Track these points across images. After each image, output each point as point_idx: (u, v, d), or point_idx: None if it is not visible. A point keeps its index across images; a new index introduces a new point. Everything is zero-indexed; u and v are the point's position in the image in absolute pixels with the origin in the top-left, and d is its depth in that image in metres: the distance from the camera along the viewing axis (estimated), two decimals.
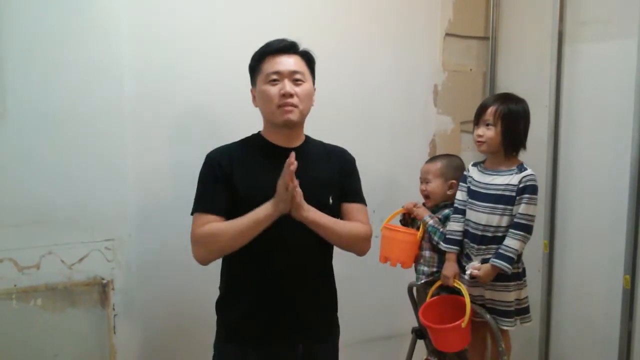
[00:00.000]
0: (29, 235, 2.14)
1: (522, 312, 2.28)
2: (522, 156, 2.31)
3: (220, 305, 1.93)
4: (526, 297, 2.29)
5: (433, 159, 2.57)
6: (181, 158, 2.33)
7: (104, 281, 2.27)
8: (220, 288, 1.94)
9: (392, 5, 2.87)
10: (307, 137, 1.99)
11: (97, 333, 2.27)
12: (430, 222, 2.40)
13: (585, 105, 2.64)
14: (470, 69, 3.16)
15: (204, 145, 1.92)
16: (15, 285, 2.12)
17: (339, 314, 2.02)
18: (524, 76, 2.99)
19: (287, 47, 1.86)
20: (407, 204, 2.50)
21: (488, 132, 2.24)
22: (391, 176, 2.93)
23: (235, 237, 1.75)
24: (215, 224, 1.78)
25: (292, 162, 1.66)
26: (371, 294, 2.90)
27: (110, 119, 2.24)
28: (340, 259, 1.97)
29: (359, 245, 1.95)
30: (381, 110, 2.89)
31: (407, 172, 2.70)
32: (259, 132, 1.95)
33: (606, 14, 2.54)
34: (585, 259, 2.66)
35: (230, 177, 1.81)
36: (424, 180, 2.52)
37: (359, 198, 2.02)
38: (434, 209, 2.49)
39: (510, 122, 2.22)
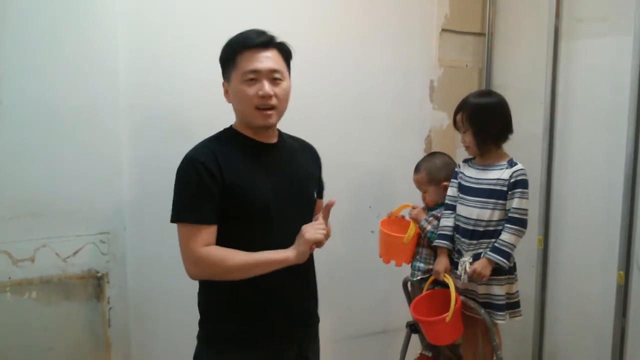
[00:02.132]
0: (23, 228, 2.13)
1: (512, 306, 2.29)
2: (518, 150, 2.32)
3: (208, 320, 1.82)
4: (517, 292, 2.31)
5: (418, 167, 2.55)
6: (176, 151, 2.31)
7: (99, 274, 2.26)
8: (204, 301, 1.84)
9: (388, 0, 2.87)
10: (279, 131, 1.90)
11: (92, 326, 2.26)
12: (429, 227, 2.42)
13: (581, 101, 2.65)
14: (467, 65, 3.16)
15: (200, 138, 1.90)
16: (9, 278, 2.11)
17: (334, 307, 2.02)
18: (520, 72, 3.00)
19: (265, 42, 1.72)
20: (412, 211, 2.50)
21: (466, 138, 2.30)
22: (387, 172, 2.93)
23: (247, 270, 1.66)
24: (220, 250, 1.67)
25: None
26: (366, 289, 2.91)
27: (105, 111, 2.23)
28: (335, 255, 1.97)
29: None
30: (377, 106, 2.89)
31: (402, 168, 2.70)
32: (231, 126, 1.84)
33: (602, 10, 2.55)
34: (580, 255, 2.67)
35: (221, 178, 1.67)
36: (420, 190, 2.54)
37: (322, 193, 2.03)
38: (434, 207, 2.50)
39: (478, 121, 2.26)
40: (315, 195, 1.89)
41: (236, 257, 1.66)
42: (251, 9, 2.48)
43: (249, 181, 1.70)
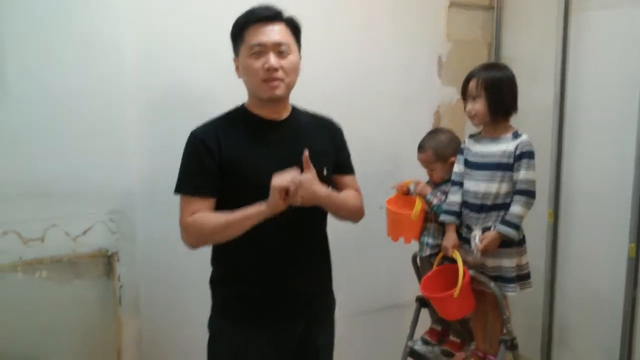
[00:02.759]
0: (33, 208, 2.13)
1: (522, 277, 2.28)
2: (528, 124, 2.31)
3: (217, 282, 1.89)
4: (527, 263, 2.30)
5: (422, 146, 2.52)
6: (185, 129, 2.30)
7: (109, 253, 2.27)
8: (214, 265, 1.91)
9: None
10: (293, 107, 1.92)
11: (102, 304, 2.28)
12: (435, 201, 2.41)
13: (592, 74, 2.62)
14: (475, 39, 3.12)
15: (209, 116, 1.89)
16: (20, 258, 2.12)
17: (344, 283, 2.02)
18: (530, 46, 2.97)
19: (271, 16, 1.75)
20: (417, 186, 2.49)
21: (476, 105, 2.25)
22: (396, 147, 2.92)
23: (222, 231, 1.71)
24: (202, 215, 1.73)
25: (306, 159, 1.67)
26: (376, 263, 2.92)
27: (113, 91, 2.23)
28: (344, 230, 1.96)
29: (357, 215, 1.96)
30: (385, 82, 2.87)
31: (412, 144, 2.68)
32: (243, 104, 1.88)
33: None
34: (590, 228, 2.65)
35: (217, 154, 1.74)
36: (427, 168, 2.52)
37: (351, 169, 2.02)
38: (441, 183, 2.49)
39: (494, 90, 2.23)
40: (326, 171, 1.85)
41: (214, 219, 1.72)
42: None
43: (246, 158, 1.74)
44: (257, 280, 1.80)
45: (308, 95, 2.05)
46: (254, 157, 1.75)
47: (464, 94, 2.30)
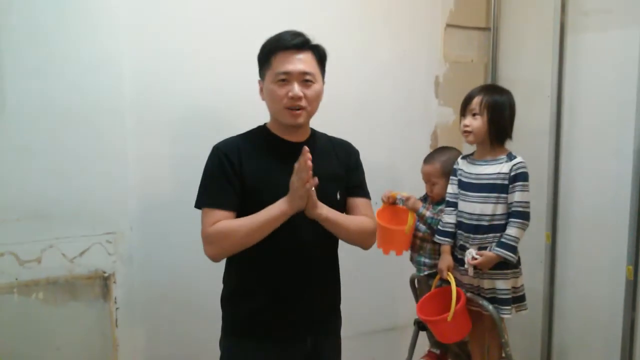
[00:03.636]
0: (29, 229, 2.14)
1: (518, 300, 2.29)
2: (524, 145, 2.31)
3: (228, 301, 1.89)
4: (522, 286, 2.30)
5: (430, 158, 2.53)
6: (182, 151, 2.33)
7: (106, 274, 2.27)
8: (226, 283, 1.90)
9: None
10: (313, 130, 1.94)
11: (99, 326, 2.27)
12: (428, 213, 2.42)
13: (588, 95, 2.63)
14: (472, 60, 3.14)
15: (205, 138, 1.91)
16: (16, 279, 2.12)
17: (342, 305, 2.01)
18: (526, 67, 2.98)
19: (299, 44, 1.77)
20: (407, 201, 2.49)
21: (475, 122, 2.26)
22: (392, 168, 2.92)
23: (248, 235, 1.71)
24: (226, 222, 1.73)
25: (307, 157, 1.63)
26: (374, 285, 2.90)
27: (110, 112, 2.24)
28: (343, 251, 1.96)
29: (366, 240, 1.95)
30: (382, 102, 2.88)
31: (408, 164, 2.70)
32: (265, 124, 1.90)
33: (608, 3, 2.52)
34: (588, 250, 2.65)
35: (239, 170, 1.76)
36: (428, 182, 2.51)
37: (365, 192, 2.00)
38: (440, 202, 2.49)
39: (496, 112, 2.25)
40: (339, 195, 1.88)
41: (236, 222, 1.73)
42: (257, 6, 2.47)
43: (263, 177, 1.77)
44: (268, 300, 1.80)
45: None
46: (272, 175, 1.77)
47: (464, 109, 2.31)
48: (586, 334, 2.68)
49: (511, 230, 2.20)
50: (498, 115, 2.24)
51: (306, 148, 1.64)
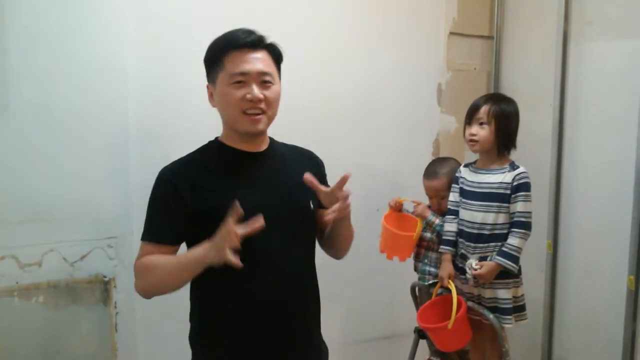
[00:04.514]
0: (30, 233, 2.13)
1: (518, 309, 2.29)
2: (527, 154, 2.31)
3: (195, 339, 1.68)
4: (522, 295, 2.30)
5: (434, 174, 2.52)
6: (184, 154, 2.32)
7: (106, 279, 2.26)
8: (192, 320, 1.70)
9: (396, 3, 2.86)
10: (271, 139, 1.76)
11: (99, 331, 2.26)
12: (437, 221, 2.42)
13: (590, 104, 2.63)
14: (475, 68, 3.15)
15: (207, 140, 1.89)
16: (17, 283, 2.11)
17: (342, 312, 1.98)
18: (529, 75, 2.98)
19: (255, 42, 1.59)
20: (416, 207, 2.49)
21: (481, 131, 2.26)
22: (394, 175, 2.92)
23: (170, 274, 1.52)
24: (153, 257, 1.56)
25: (237, 212, 1.39)
26: (374, 293, 2.89)
27: (112, 116, 2.24)
28: (341, 259, 1.95)
29: (348, 249, 1.84)
30: (385, 109, 2.88)
31: (410, 172, 2.69)
32: (217, 138, 1.72)
33: (612, 13, 2.53)
34: (589, 260, 2.64)
35: (190, 196, 1.55)
36: (436, 197, 2.51)
37: None
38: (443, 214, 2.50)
39: (504, 121, 2.26)
40: (312, 205, 1.69)
41: (164, 264, 1.54)
42: (260, 12, 2.47)
43: (223, 196, 1.51)
44: (243, 338, 1.60)
45: (308, 123, 2.06)
46: (234, 192, 1.51)
47: (470, 118, 2.31)
48: (587, 344, 2.67)
49: (513, 240, 2.20)
50: (505, 125, 2.25)
51: (236, 202, 1.40)
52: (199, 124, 2.36)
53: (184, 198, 1.55)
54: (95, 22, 2.18)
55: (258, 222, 1.40)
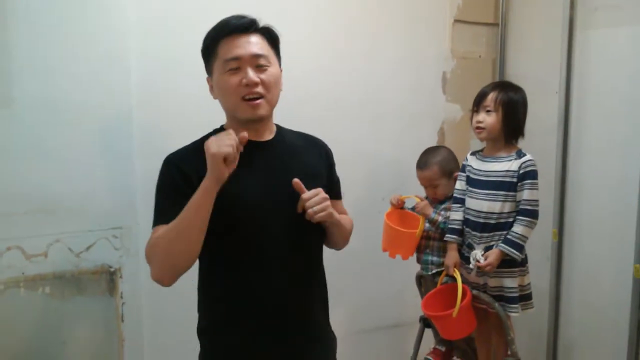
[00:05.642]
0: (36, 224, 2.14)
1: (524, 298, 2.28)
2: (532, 142, 2.30)
3: (203, 332, 1.66)
4: (529, 284, 2.30)
5: (425, 164, 2.51)
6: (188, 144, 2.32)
7: (112, 269, 2.27)
8: (200, 312, 1.67)
9: None
10: (278, 126, 1.71)
11: (105, 321, 2.27)
12: (440, 219, 2.42)
13: (596, 92, 2.61)
14: (480, 56, 3.12)
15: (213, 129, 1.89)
16: (23, 274, 2.12)
17: (347, 301, 1.97)
18: (534, 63, 2.96)
19: (245, 26, 1.54)
20: (418, 205, 2.48)
21: (488, 119, 2.25)
22: (398, 163, 2.91)
23: (176, 234, 1.44)
24: (156, 234, 1.49)
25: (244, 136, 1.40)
26: (379, 282, 2.90)
27: (116, 107, 2.24)
28: (347, 248, 1.94)
29: (347, 241, 1.80)
30: (389, 98, 2.87)
31: (414, 160, 2.68)
32: (222, 126, 1.67)
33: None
34: (595, 248, 2.63)
35: (194, 183, 1.47)
36: (429, 186, 2.50)
37: (340, 192, 1.82)
38: (444, 200, 2.49)
39: (511, 109, 2.25)
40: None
41: (171, 225, 1.46)
42: (264, 4, 2.45)
43: (230, 186, 1.45)
44: (250, 330, 1.58)
45: (313, 112, 2.05)
46: (239, 185, 1.48)
47: (478, 105, 2.29)
48: (592, 332, 2.67)
49: (518, 228, 2.19)
50: (513, 113, 2.24)
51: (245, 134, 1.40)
52: (202, 115, 2.35)
53: (192, 183, 1.48)
54: (98, 15, 2.18)
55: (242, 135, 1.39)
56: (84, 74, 2.16)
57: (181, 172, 1.54)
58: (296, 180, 1.53)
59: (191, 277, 2.04)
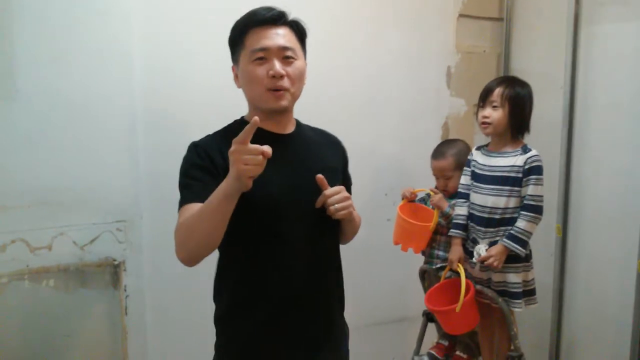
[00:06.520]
0: (40, 217, 2.14)
1: (528, 293, 2.28)
2: (537, 137, 2.29)
3: (220, 320, 1.67)
4: (533, 279, 2.30)
5: (441, 154, 2.53)
6: (193, 138, 2.31)
7: (116, 262, 2.27)
8: (217, 301, 1.69)
9: None
10: (297, 121, 1.73)
11: (108, 314, 2.28)
12: (454, 213, 2.41)
13: (601, 87, 2.60)
14: (484, 51, 3.12)
15: (216, 125, 1.88)
16: (27, 266, 2.13)
17: (350, 295, 1.96)
18: (539, 58, 2.95)
19: (274, 18, 1.56)
20: (433, 197, 2.47)
21: (495, 114, 2.25)
22: (403, 159, 2.91)
23: (196, 223, 1.44)
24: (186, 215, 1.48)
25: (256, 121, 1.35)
26: (383, 277, 2.90)
27: (121, 99, 2.23)
28: (351, 243, 1.94)
29: (354, 235, 1.83)
30: (393, 93, 2.86)
31: (419, 155, 2.68)
32: (242, 117, 1.69)
33: None
34: (599, 243, 2.63)
35: (222, 168, 1.50)
36: (442, 177, 2.50)
37: (350, 191, 1.81)
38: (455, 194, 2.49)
39: (517, 104, 2.24)
40: None
41: (191, 216, 1.46)
42: None
43: (254, 180, 1.40)
44: (265, 320, 1.59)
45: (316, 107, 2.04)
46: (260, 176, 1.39)
47: (484, 100, 2.29)
48: (596, 327, 2.67)
49: (521, 223, 2.18)
50: (519, 108, 2.23)
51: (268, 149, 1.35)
52: (208, 108, 2.36)
53: (217, 165, 1.53)
54: (101, 7, 2.18)
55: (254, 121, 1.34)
56: (88, 67, 2.16)
57: (208, 155, 1.55)
58: (320, 176, 1.56)
59: (194, 271, 2.05)
